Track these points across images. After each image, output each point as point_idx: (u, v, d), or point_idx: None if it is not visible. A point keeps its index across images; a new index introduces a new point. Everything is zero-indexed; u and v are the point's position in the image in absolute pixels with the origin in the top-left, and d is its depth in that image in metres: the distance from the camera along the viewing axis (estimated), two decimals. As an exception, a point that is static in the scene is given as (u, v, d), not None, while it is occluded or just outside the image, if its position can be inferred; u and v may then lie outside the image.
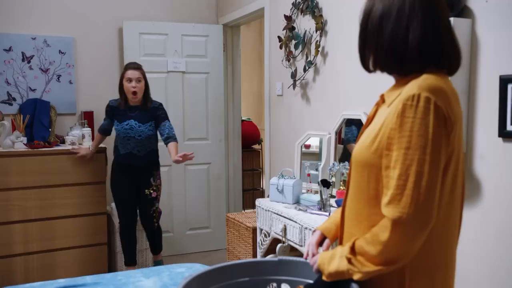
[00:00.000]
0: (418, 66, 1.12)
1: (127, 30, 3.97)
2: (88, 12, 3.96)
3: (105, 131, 3.47)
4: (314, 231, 1.40)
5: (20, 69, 3.73)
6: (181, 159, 3.10)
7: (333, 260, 1.14)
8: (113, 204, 3.63)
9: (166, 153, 3.33)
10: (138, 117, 3.28)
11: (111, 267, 3.73)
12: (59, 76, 3.86)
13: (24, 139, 3.47)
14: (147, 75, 4.08)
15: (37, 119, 3.68)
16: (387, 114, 1.12)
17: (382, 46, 1.14)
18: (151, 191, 3.39)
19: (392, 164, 1.06)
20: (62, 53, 3.86)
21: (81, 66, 3.95)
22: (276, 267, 1.26)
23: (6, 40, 3.66)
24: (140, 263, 3.71)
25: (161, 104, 3.38)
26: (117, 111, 3.32)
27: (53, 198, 3.41)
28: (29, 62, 3.75)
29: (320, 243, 1.35)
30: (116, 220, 3.59)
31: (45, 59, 3.80)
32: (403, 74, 1.15)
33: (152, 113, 3.31)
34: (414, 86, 1.07)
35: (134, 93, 3.22)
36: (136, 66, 3.27)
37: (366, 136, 1.17)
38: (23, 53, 3.73)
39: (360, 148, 1.18)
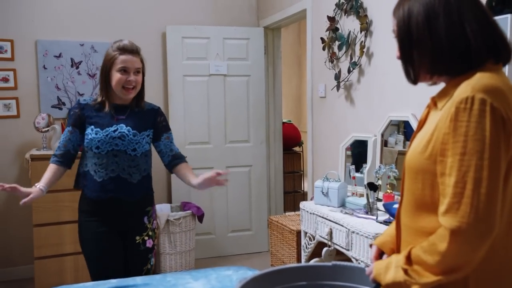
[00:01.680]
0: (484, 59, 1.07)
1: (170, 34, 4.04)
2: (132, 18, 4.05)
3: (65, 160, 2.14)
4: (371, 245, 1.38)
5: (69, 74, 3.86)
6: (215, 174, 2.07)
7: (389, 270, 1.11)
8: (158, 206, 3.66)
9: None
10: (131, 121, 2.15)
11: (156, 268, 3.80)
12: (105, 80, 3.97)
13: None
14: (189, 79, 4.20)
15: (85, 123, 3.79)
16: (439, 117, 1.07)
17: (441, 47, 1.08)
18: (145, 238, 2.21)
19: (447, 171, 1.02)
20: (108, 58, 3.96)
21: (126, 70, 4.05)
22: (331, 272, 1.24)
23: (56, 47, 3.80)
24: (183, 264, 3.76)
25: (159, 108, 2.31)
26: (94, 112, 2.14)
27: (100, 200, 3.49)
28: (77, 67, 3.88)
29: (378, 258, 1.32)
30: (162, 221, 3.61)
31: (92, 64, 3.92)
32: (458, 74, 1.09)
33: (151, 118, 2.22)
34: (467, 88, 1.02)
35: (129, 89, 2.11)
36: (134, 49, 2.13)
37: (418, 141, 1.13)
38: (72, 59, 3.86)
39: (413, 153, 1.14)
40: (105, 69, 2.13)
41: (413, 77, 1.17)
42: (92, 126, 2.11)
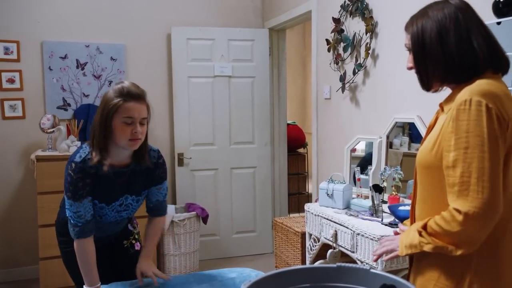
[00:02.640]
0: (489, 68, 1.23)
1: (175, 36, 4.05)
2: (138, 20, 4.06)
3: (91, 234, 1.88)
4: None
5: (74, 75, 3.87)
6: (153, 276, 1.93)
7: (408, 235, 1.28)
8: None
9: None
10: (134, 186, 1.95)
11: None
12: (110, 82, 3.98)
13: (79, 143, 3.59)
14: (194, 80, 4.21)
15: (90, 124, 3.81)
16: (444, 119, 1.25)
17: (452, 59, 1.24)
18: (133, 242, 2.17)
19: (451, 163, 1.18)
20: (113, 59, 3.98)
21: (132, 71, 4.06)
22: (335, 273, 1.24)
23: (62, 48, 3.82)
24: (188, 266, 3.76)
25: (159, 153, 2.01)
26: (96, 180, 1.84)
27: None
28: (83, 69, 3.89)
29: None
30: (167, 223, 3.61)
31: (98, 65, 3.93)
32: (465, 81, 1.24)
33: (149, 174, 1.97)
34: (466, 92, 1.19)
35: (135, 141, 1.80)
36: (140, 94, 1.81)
37: (427, 142, 1.30)
38: (77, 60, 3.87)
39: (423, 152, 1.31)
40: (105, 118, 1.76)
41: (427, 85, 1.33)
42: (96, 201, 1.87)
